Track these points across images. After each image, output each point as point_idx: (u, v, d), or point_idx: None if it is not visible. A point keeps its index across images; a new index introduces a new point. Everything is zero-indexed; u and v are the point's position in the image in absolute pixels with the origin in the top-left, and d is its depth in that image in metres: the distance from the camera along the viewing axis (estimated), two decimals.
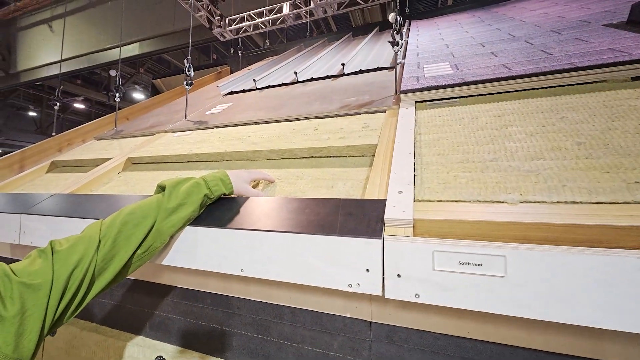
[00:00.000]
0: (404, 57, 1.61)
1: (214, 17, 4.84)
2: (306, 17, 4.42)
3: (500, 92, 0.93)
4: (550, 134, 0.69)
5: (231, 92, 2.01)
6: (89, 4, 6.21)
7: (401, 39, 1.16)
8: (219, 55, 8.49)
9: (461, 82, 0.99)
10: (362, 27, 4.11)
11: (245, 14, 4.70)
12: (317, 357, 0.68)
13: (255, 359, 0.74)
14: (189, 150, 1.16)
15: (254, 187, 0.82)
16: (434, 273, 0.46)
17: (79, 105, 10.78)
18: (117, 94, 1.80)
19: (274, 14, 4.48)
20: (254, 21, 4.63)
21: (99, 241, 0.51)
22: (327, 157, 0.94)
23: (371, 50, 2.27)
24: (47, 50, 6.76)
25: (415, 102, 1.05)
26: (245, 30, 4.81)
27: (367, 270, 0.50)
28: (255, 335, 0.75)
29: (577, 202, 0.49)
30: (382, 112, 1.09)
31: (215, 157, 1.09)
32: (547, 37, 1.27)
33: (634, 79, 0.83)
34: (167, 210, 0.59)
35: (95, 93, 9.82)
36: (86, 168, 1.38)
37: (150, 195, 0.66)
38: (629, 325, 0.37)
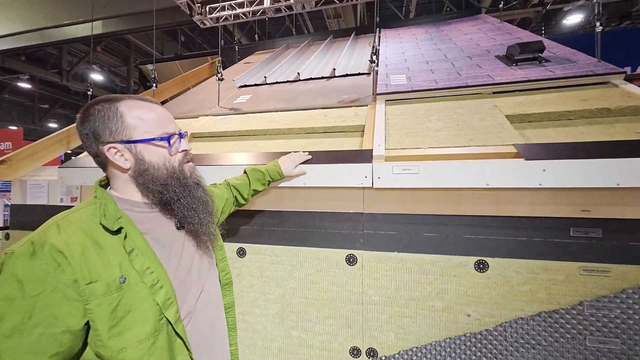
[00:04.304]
0: (377, 65, 2.29)
1: (194, 4, 5.02)
2: (285, 11, 4.83)
3: (430, 97, 1.66)
4: (448, 120, 1.42)
5: (244, 85, 2.54)
6: None
7: (377, 59, 1.84)
8: (187, 40, 8.35)
9: (410, 90, 1.70)
10: (340, 31, 4.71)
11: (226, 3, 4.89)
12: (335, 235, 1.35)
13: (300, 242, 1.39)
14: (239, 127, 1.74)
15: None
16: (392, 175, 1.15)
17: (24, 85, 9.76)
18: (154, 84, 2.23)
19: (255, 6, 4.75)
20: (234, 11, 4.83)
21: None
22: (336, 132, 1.59)
23: (352, 55, 2.92)
24: None
25: (385, 100, 1.74)
26: (226, 19, 5.04)
27: (365, 177, 1.18)
28: (298, 229, 1.40)
29: (449, 147, 1.22)
30: (365, 106, 1.77)
31: (260, 133, 1.69)
32: (463, 61, 2.03)
33: (494, 93, 1.60)
34: (250, 185, 1.19)
35: (45, 72, 8.96)
36: None
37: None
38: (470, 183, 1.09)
